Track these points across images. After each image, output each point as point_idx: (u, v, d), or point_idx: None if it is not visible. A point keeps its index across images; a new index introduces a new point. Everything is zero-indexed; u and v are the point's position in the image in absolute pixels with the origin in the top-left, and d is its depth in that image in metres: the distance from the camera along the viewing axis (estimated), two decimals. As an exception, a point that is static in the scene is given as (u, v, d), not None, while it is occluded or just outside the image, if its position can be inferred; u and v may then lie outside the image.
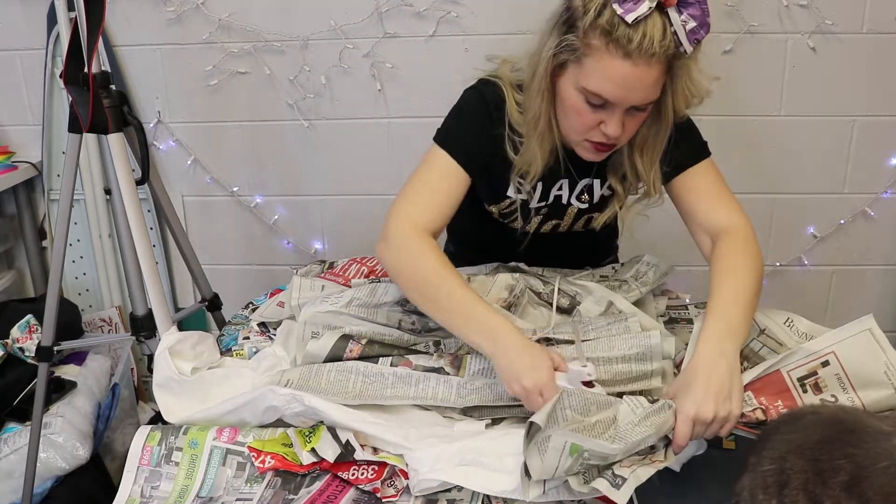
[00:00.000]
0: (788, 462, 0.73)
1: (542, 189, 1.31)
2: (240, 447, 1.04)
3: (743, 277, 1.12)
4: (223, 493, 1.00)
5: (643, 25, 1.02)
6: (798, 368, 1.01)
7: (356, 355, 1.16)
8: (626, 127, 1.13)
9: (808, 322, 1.17)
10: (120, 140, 1.42)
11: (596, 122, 1.12)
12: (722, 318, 1.06)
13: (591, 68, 1.07)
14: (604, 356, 1.09)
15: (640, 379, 1.08)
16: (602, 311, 1.25)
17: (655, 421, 0.95)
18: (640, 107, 1.11)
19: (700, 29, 1.04)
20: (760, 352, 1.13)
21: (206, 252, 2.15)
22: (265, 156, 2.14)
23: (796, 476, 0.72)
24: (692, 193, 1.25)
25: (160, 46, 2.04)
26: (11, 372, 1.80)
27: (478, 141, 1.24)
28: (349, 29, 1.98)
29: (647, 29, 1.02)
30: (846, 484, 0.69)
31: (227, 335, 1.38)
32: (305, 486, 0.99)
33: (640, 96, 1.09)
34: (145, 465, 1.04)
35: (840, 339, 1.02)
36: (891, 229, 2.13)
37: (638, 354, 1.09)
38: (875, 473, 0.68)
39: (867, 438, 0.72)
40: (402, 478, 0.98)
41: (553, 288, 1.31)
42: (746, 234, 1.18)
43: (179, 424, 1.10)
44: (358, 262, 1.45)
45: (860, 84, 1.97)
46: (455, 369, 1.12)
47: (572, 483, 0.91)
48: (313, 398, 1.04)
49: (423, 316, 1.24)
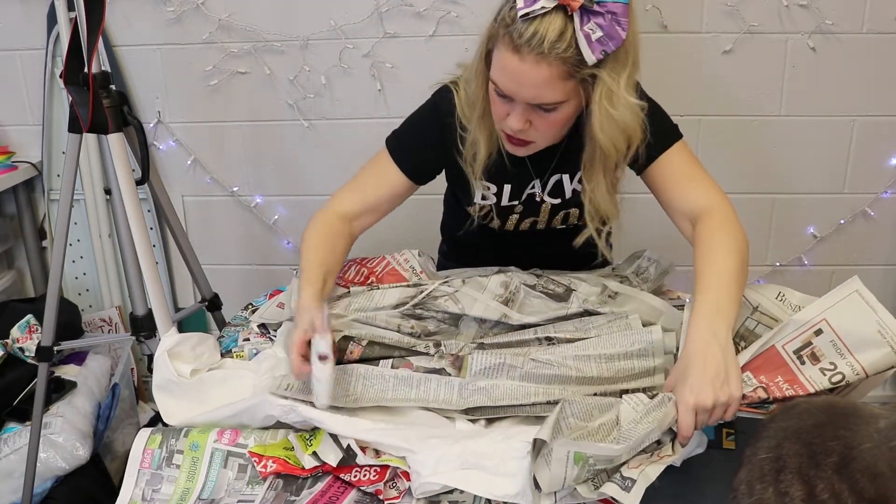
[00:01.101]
0: (784, 448, 0.73)
1: (513, 188, 1.32)
2: (241, 449, 1.04)
3: (725, 256, 1.11)
4: (225, 494, 1.00)
5: (536, 23, 1.02)
6: (792, 341, 1.00)
7: (357, 357, 1.16)
8: (535, 124, 1.13)
9: (800, 294, 1.15)
10: (120, 140, 1.42)
11: (505, 114, 1.14)
12: (709, 301, 1.05)
13: (494, 58, 1.10)
14: (606, 353, 1.09)
15: (643, 376, 1.08)
16: (599, 292, 1.26)
17: (657, 415, 0.95)
18: (546, 107, 1.10)
19: (608, 40, 1.03)
20: (756, 329, 1.12)
21: (206, 252, 2.15)
22: (265, 156, 2.14)
23: (792, 461, 0.72)
24: (667, 181, 1.23)
25: (160, 46, 2.04)
26: (11, 372, 1.81)
27: (423, 151, 1.30)
28: (349, 29, 1.98)
29: (541, 27, 1.02)
30: (836, 465, 0.69)
31: (226, 336, 1.38)
32: (307, 487, 0.99)
33: (532, 94, 1.08)
34: (146, 468, 1.04)
35: (829, 305, 1.01)
36: (891, 229, 2.13)
37: (640, 350, 1.09)
38: (862, 454, 0.69)
39: (858, 421, 0.72)
40: (404, 479, 0.98)
41: (546, 279, 1.31)
42: (725, 213, 1.18)
43: (179, 427, 1.10)
44: (358, 264, 1.45)
45: (860, 84, 1.97)
46: (456, 370, 1.12)
47: (582, 491, 0.91)
48: (310, 410, 1.04)
49: (422, 320, 1.24)
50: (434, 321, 1.25)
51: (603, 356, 1.09)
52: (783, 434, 0.75)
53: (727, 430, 1.10)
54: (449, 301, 1.25)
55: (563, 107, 1.11)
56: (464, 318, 1.25)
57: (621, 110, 1.09)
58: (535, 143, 1.19)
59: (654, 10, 1.92)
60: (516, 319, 1.22)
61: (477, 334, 1.25)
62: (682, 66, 1.97)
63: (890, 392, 2.30)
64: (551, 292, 1.28)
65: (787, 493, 0.70)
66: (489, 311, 1.23)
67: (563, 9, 1.02)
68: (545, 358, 1.10)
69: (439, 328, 1.25)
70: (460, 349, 1.18)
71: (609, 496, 0.90)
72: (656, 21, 1.92)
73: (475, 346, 1.18)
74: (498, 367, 1.11)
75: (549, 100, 1.09)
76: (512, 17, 1.04)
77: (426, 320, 1.25)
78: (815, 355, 0.99)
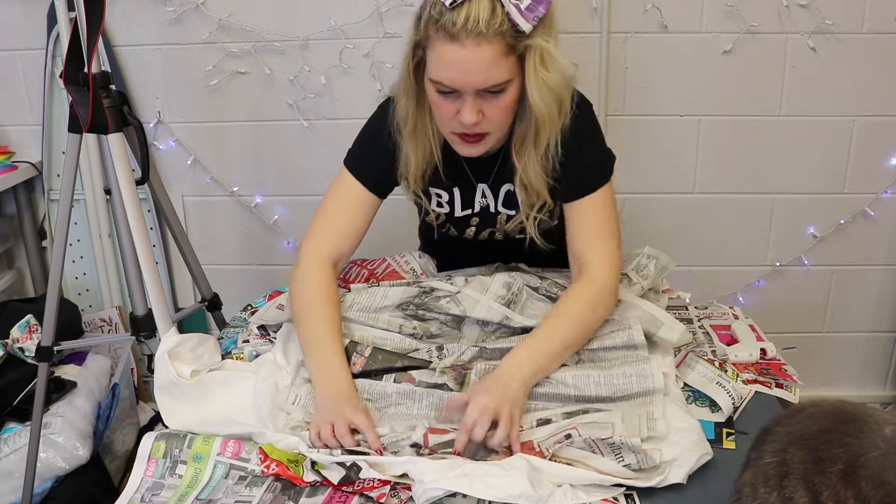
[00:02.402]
0: (789, 453, 0.74)
1: (463, 198, 1.32)
2: (244, 462, 1.03)
3: (568, 324, 1.16)
4: (223, 495, 1.00)
5: (466, 7, 1.04)
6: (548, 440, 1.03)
7: (359, 369, 1.15)
8: (487, 114, 1.13)
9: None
10: (120, 140, 1.42)
11: (454, 113, 1.13)
12: (527, 353, 1.11)
13: (431, 59, 1.10)
14: (605, 372, 1.11)
15: (642, 395, 1.10)
16: None
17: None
18: (492, 90, 1.11)
19: (537, 6, 1.05)
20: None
21: (206, 252, 2.15)
22: (265, 156, 2.14)
23: (796, 466, 0.72)
24: (576, 225, 1.25)
25: (160, 46, 2.04)
26: (11, 372, 1.80)
27: (378, 160, 1.27)
28: (349, 29, 1.98)
29: (471, 10, 1.04)
30: (842, 472, 0.69)
31: (226, 338, 1.38)
32: (306, 495, 0.98)
33: (480, 78, 1.08)
34: (150, 476, 1.04)
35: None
36: (891, 229, 2.12)
37: (638, 371, 1.11)
38: (868, 462, 0.69)
39: (864, 428, 0.72)
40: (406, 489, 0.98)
41: (549, 282, 1.31)
42: (601, 287, 1.20)
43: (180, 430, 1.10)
44: (358, 266, 1.45)
45: (860, 84, 1.97)
46: (458, 385, 1.13)
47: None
48: (319, 453, 1.02)
49: (424, 321, 1.24)
50: (436, 323, 1.25)
51: (602, 375, 1.11)
52: (788, 439, 0.75)
53: (727, 429, 1.11)
54: (451, 303, 1.25)
55: (510, 87, 1.11)
56: (466, 320, 1.25)
57: (555, 73, 1.11)
58: (490, 136, 1.18)
59: (654, 10, 1.92)
60: (518, 322, 1.22)
61: (479, 337, 1.25)
62: (682, 66, 1.97)
63: (890, 392, 2.30)
64: (554, 296, 1.28)
65: (791, 499, 0.71)
66: (491, 312, 1.23)
67: None
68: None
69: (441, 330, 1.25)
70: (462, 353, 1.18)
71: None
72: (656, 21, 1.92)
73: (477, 351, 1.18)
74: None
75: (497, 80, 1.09)
76: (438, 10, 1.06)
77: (428, 322, 1.25)
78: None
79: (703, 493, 0.98)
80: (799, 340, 2.24)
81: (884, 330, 2.25)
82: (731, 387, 1.16)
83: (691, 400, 1.17)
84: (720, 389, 1.16)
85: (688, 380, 1.19)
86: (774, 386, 1.21)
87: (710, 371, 1.20)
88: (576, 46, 1.87)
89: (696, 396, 1.18)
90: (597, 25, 1.93)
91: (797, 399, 1.19)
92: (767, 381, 1.22)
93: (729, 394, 1.15)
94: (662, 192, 2.07)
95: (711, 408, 1.16)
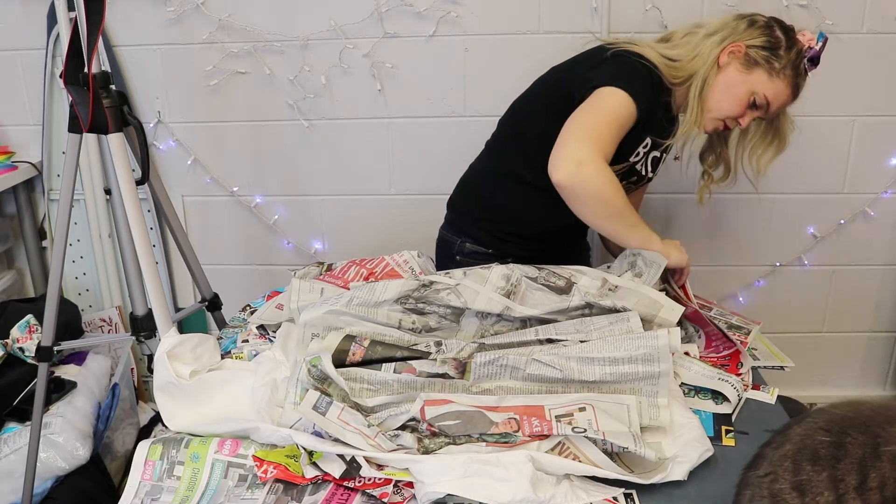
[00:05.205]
0: (849, 436, 0.75)
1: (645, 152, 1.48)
2: (242, 459, 1.03)
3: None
4: (224, 499, 0.99)
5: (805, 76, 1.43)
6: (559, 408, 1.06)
7: (359, 359, 1.16)
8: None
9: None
10: (120, 140, 1.42)
11: (742, 114, 1.43)
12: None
13: (766, 82, 1.39)
14: (610, 357, 1.10)
15: (647, 379, 1.09)
16: (599, 285, 1.27)
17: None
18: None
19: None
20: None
21: (206, 252, 2.15)
22: (265, 156, 2.14)
23: (855, 450, 0.74)
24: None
25: (160, 46, 2.04)
26: (11, 372, 1.81)
27: (649, 97, 1.38)
28: (349, 29, 1.98)
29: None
30: (894, 455, 0.72)
31: (225, 338, 1.39)
32: (309, 493, 0.98)
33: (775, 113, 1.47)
34: (147, 479, 1.03)
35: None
36: (891, 229, 2.13)
37: (644, 355, 1.09)
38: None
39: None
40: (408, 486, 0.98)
41: (547, 272, 1.32)
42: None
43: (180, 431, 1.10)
44: (357, 265, 1.45)
45: (860, 84, 1.97)
46: (459, 374, 1.13)
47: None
48: (312, 439, 1.03)
49: (423, 315, 1.24)
50: (436, 316, 1.25)
51: (607, 359, 1.10)
52: (847, 422, 0.77)
53: (726, 427, 1.11)
54: (451, 294, 1.25)
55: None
56: (465, 312, 1.25)
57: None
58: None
59: (654, 10, 1.92)
60: (518, 312, 1.22)
61: (478, 331, 1.25)
62: (682, 66, 1.96)
63: (890, 392, 2.30)
64: (552, 285, 1.28)
65: (842, 480, 0.73)
66: (491, 303, 1.23)
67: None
68: (548, 359, 1.10)
69: (440, 324, 1.25)
70: (461, 349, 1.18)
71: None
72: (656, 21, 1.93)
73: (476, 346, 1.18)
74: (501, 369, 1.11)
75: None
76: (796, 57, 1.40)
77: (428, 315, 1.25)
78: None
79: (702, 491, 0.98)
80: (799, 340, 2.25)
81: (884, 330, 2.25)
82: (734, 381, 1.18)
83: (693, 394, 1.18)
84: (724, 383, 1.18)
85: (686, 379, 1.20)
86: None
87: (708, 370, 1.21)
88: (576, 46, 1.87)
89: (697, 390, 1.19)
90: (597, 25, 1.93)
91: (774, 399, 1.21)
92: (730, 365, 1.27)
93: (734, 386, 1.17)
94: (662, 192, 2.07)
95: (715, 399, 1.17)
